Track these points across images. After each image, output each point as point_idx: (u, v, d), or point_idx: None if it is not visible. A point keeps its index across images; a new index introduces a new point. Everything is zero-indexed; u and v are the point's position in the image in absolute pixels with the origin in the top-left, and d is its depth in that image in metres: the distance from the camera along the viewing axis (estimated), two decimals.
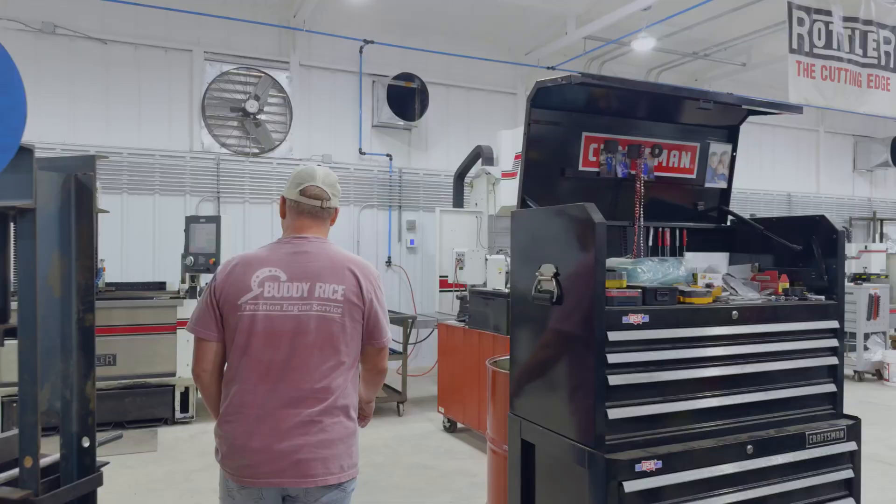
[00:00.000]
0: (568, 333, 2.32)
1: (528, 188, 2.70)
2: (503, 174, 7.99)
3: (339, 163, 9.22)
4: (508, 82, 10.39)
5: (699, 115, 2.97)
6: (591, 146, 2.77)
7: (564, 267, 2.32)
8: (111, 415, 6.21)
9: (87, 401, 2.12)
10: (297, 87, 9.00)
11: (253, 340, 2.14)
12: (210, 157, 8.55)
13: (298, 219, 2.29)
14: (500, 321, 5.39)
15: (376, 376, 2.39)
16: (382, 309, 2.29)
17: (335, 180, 2.34)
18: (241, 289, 2.17)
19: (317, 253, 2.23)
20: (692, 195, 3.11)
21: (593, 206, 2.17)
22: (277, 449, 2.10)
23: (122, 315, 6.28)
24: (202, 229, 6.42)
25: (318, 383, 2.15)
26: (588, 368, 2.18)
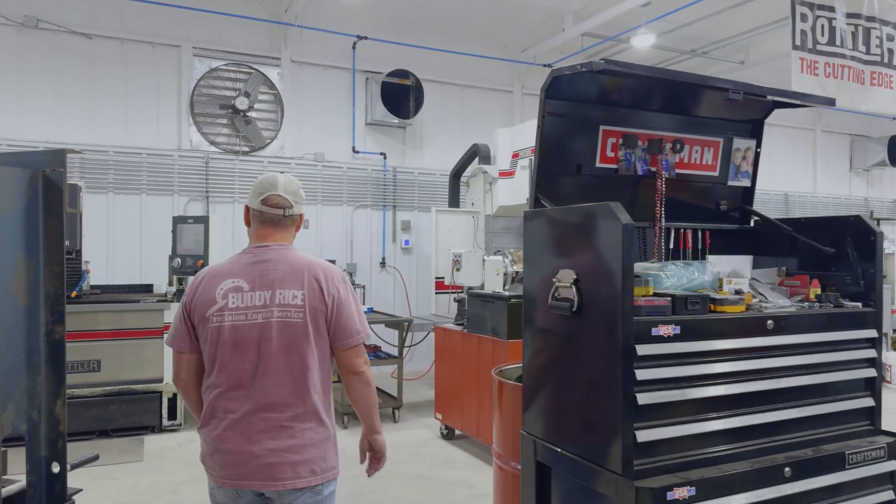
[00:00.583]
0: (590, 346, 2.12)
1: (541, 186, 2.50)
2: (500, 173, 7.82)
3: (332, 161, 9.01)
4: (504, 80, 10.20)
5: (722, 109, 2.78)
6: (609, 141, 2.58)
7: (586, 273, 2.13)
8: (95, 423, 5.98)
9: (57, 422, 1.91)
10: (288, 84, 8.78)
11: (222, 350, 2.21)
12: (199, 156, 8.32)
13: (261, 227, 2.32)
14: (500, 325, 5.20)
15: (355, 381, 2.31)
16: (348, 308, 2.27)
17: (297, 187, 2.38)
18: (208, 301, 2.23)
19: (277, 260, 2.26)
20: (714, 194, 2.93)
21: (619, 206, 1.97)
22: (248, 452, 2.17)
23: (107, 319, 6.05)
24: (190, 230, 6.19)
25: (287, 389, 2.20)
26: (614, 386, 1.99)
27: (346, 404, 6.30)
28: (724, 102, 2.61)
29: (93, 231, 7.39)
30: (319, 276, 2.24)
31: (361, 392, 2.32)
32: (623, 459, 1.99)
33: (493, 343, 5.29)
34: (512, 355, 5.09)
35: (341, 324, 2.25)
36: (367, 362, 2.35)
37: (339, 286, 2.27)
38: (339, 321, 2.24)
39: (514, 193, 7.60)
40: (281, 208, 2.29)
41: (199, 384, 2.31)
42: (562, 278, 2.17)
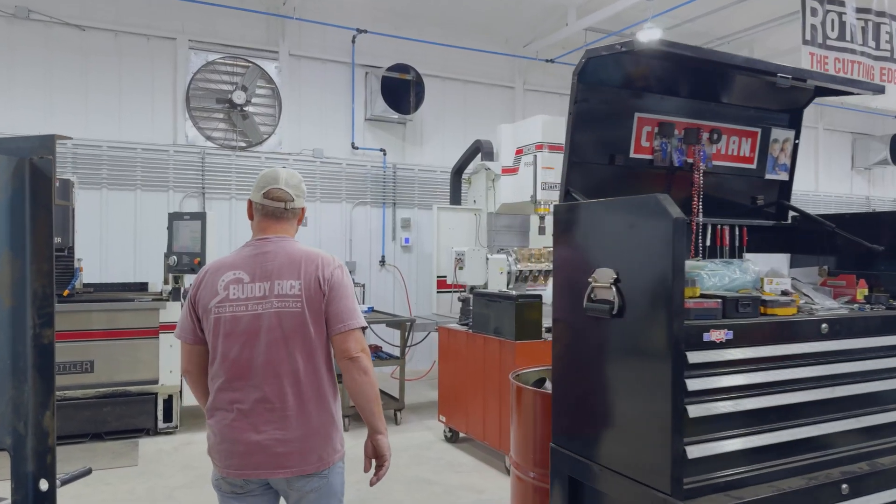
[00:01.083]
0: (633, 353, 1.95)
1: (572, 178, 2.32)
2: (503, 170, 7.66)
3: (331, 157, 8.82)
4: (506, 75, 10.03)
5: (761, 96, 2.61)
6: (645, 129, 2.41)
7: (628, 272, 1.96)
8: (88, 425, 5.79)
9: (46, 435, 1.73)
10: (286, 78, 8.59)
11: (225, 341, 2.25)
12: (195, 151, 8.12)
13: (263, 221, 2.37)
14: (507, 326, 5.03)
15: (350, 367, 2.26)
16: (343, 294, 2.29)
17: (299, 181, 2.42)
18: (211, 293, 2.28)
19: (276, 252, 2.30)
20: (751, 188, 2.77)
21: (668, 198, 1.80)
22: (255, 442, 2.20)
23: (101, 318, 5.86)
24: (186, 227, 6.00)
25: (289, 378, 2.22)
26: (662, 397, 1.82)
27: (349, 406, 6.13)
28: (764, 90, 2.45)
29: (86, 228, 7.19)
30: (317, 266, 2.28)
31: (357, 380, 2.27)
32: (672, 478, 1.82)
33: (500, 344, 5.13)
34: (521, 357, 4.93)
35: (334, 309, 2.26)
36: (365, 350, 2.30)
37: (335, 272, 2.30)
38: (332, 306, 2.26)
39: (518, 190, 7.44)
40: (282, 202, 2.34)
41: (206, 375, 2.36)
42: (599, 278, 2.00)
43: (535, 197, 7.05)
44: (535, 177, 7.07)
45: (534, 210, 7.21)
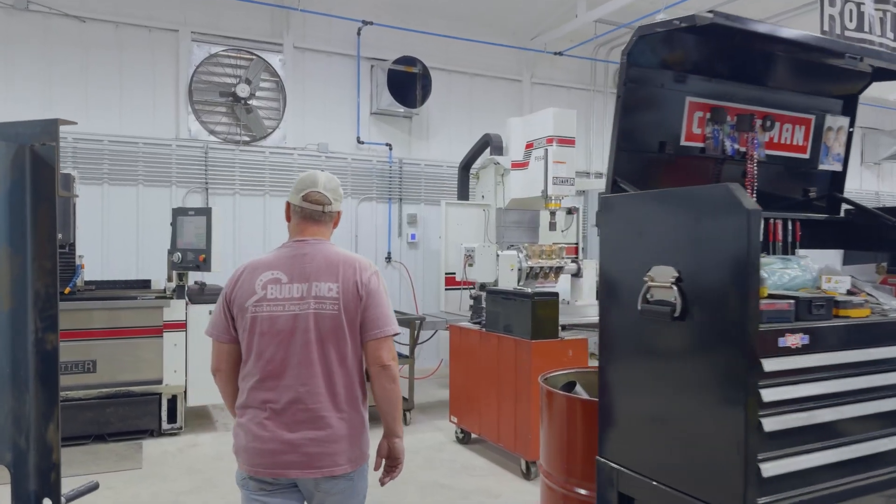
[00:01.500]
0: (699, 360, 1.78)
1: (620, 168, 2.14)
2: (513, 164, 7.50)
3: (336, 152, 8.66)
4: (513, 68, 9.86)
5: (815, 81, 2.44)
6: (696, 115, 2.25)
7: (693, 270, 1.78)
8: (91, 427, 5.64)
9: (49, 450, 1.58)
10: (290, 71, 8.41)
11: (260, 340, 2.26)
12: (198, 146, 7.95)
13: (301, 223, 2.39)
14: (523, 325, 4.88)
15: (381, 374, 2.33)
16: (380, 301, 2.33)
17: (337, 185, 2.45)
18: (248, 292, 2.29)
19: (314, 254, 2.33)
20: (803, 179, 2.61)
21: (741, 189, 1.64)
22: (287, 441, 2.21)
23: (103, 317, 5.70)
24: (191, 223, 5.83)
25: (323, 379, 2.25)
26: (734, 409, 1.65)
27: None
28: (819, 73, 2.29)
29: (87, 224, 7.03)
30: (355, 270, 2.30)
31: (386, 388, 2.34)
32: (745, 498, 1.64)
33: (515, 343, 4.97)
34: (537, 357, 4.78)
35: (370, 315, 2.29)
36: (395, 358, 2.36)
37: (372, 278, 2.33)
38: (368, 312, 2.29)
39: (528, 185, 7.28)
40: (320, 205, 2.36)
41: (237, 375, 2.36)
42: (657, 277, 1.84)
43: (546, 192, 6.89)
44: (546, 171, 6.91)
45: (544, 205, 7.06)
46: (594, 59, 10.28)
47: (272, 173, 8.29)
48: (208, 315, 6.16)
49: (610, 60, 10.38)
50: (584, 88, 10.36)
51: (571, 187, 7.09)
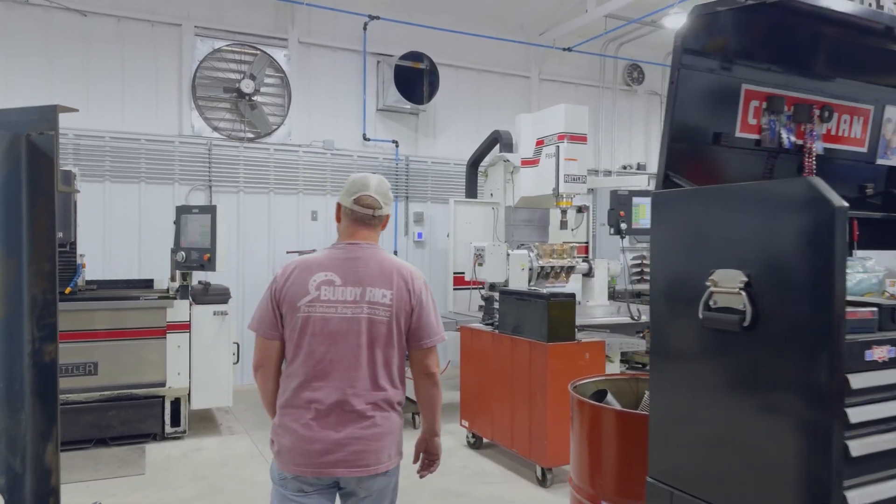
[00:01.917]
0: (773, 374, 1.59)
1: (673, 162, 1.98)
2: (523, 162, 7.35)
3: (342, 149, 8.50)
4: (521, 64, 9.70)
5: (876, 68, 2.26)
6: (752, 104, 2.09)
7: (765, 274, 1.61)
8: (92, 430, 5.50)
9: (48, 473, 1.43)
10: (295, 67, 8.26)
11: (310, 340, 2.30)
12: (201, 143, 7.80)
13: (352, 226, 2.42)
14: (538, 327, 4.73)
15: (426, 381, 2.45)
16: (429, 311, 2.40)
17: (387, 189, 2.49)
18: (300, 292, 2.32)
19: (368, 259, 2.37)
20: (860, 175, 2.44)
21: (824, 183, 1.49)
22: (334, 441, 2.26)
23: (105, 317, 5.55)
24: (195, 221, 5.68)
25: (371, 381, 2.31)
26: (816, 431, 1.49)
27: None
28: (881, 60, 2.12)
29: (88, 222, 6.87)
30: (407, 279, 2.37)
31: (430, 393, 2.47)
32: None
33: (529, 346, 4.82)
34: (553, 359, 4.63)
35: (421, 325, 2.37)
36: (438, 365, 2.46)
37: (423, 289, 2.41)
38: (420, 322, 2.37)
39: (538, 183, 7.13)
40: (371, 208, 2.39)
41: (279, 372, 2.40)
42: (721, 281, 1.67)
43: (558, 190, 6.75)
44: (557, 169, 6.77)
45: (555, 204, 6.92)
46: (603, 56, 10.12)
47: (277, 171, 8.14)
48: (213, 316, 6.06)
49: (619, 57, 10.22)
50: (593, 85, 10.21)
51: (583, 185, 6.95)
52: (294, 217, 8.24)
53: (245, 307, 7.92)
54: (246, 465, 5.19)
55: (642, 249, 10.97)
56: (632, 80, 10.49)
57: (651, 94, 10.74)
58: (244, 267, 7.97)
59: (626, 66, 10.42)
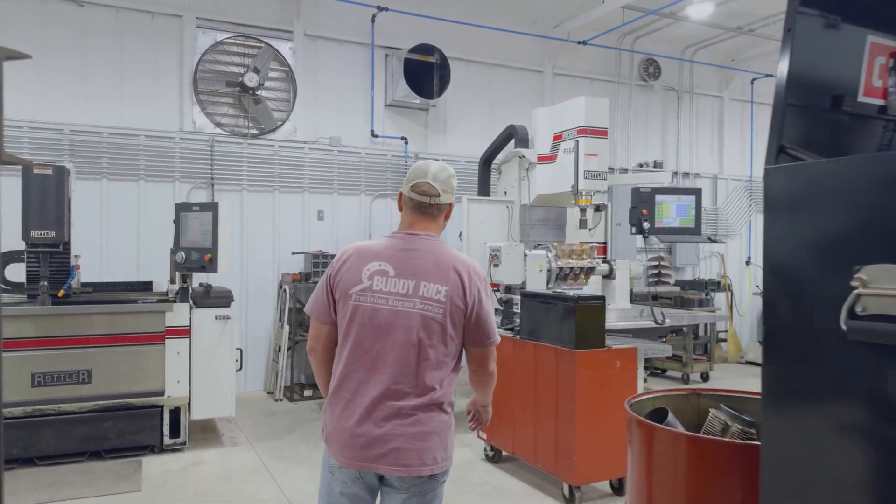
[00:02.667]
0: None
1: (789, 130, 1.61)
2: (539, 158, 7.01)
3: (349, 146, 8.17)
4: (534, 58, 9.36)
5: None
6: (877, 62, 1.74)
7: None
8: (86, 443, 5.16)
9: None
10: (301, 60, 7.93)
11: (359, 330, 2.24)
12: (203, 139, 7.48)
13: (410, 215, 2.35)
14: (564, 332, 4.38)
15: (485, 377, 2.46)
16: (487, 310, 2.32)
17: (448, 176, 2.37)
18: (353, 279, 2.26)
19: (424, 251, 2.28)
20: None
21: None
22: (376, 436, 2.18)
23: (100, 322, 5.22)
24: (195, 219, 5.35)
25: (417, 378, 2.21)
26: None
27: None
28: None
29: (84, 221, 6.56)
30: (463, 275, 2.26)
31: (487, 384, 2.50)
32: None
33: (555, 353, 4.47)
34: (582, 368, 4.28)
35: (480, 325, 2.29)
36: (496, 360, 2.45)
37: (481, 287, 2.30)
38: (478, 322, 2.29)
39: (556, 181, 6.79)
40: (428, 196, 2.30)
41: (332, 357, 2.37)
42: (874, 280, 1.32)
43: (577, 187, 6.40)
44: (576, 165, 6.42)
45: (574, 201, 6.57)
46: (619, 49, 9.78)
47: (282, 168, 7.81)
48: (214, 320, 5.72)
49: (635, 50, 9.88)
50: (608, 80, 9.86)
51: (604, 182, 6.60)
52: (300, 217, 7.91)
53: (249, 311, 7.59)
54: (250, 480, 4.85)
55: (659, 250, 10.65)
56: (647, 76, 10.15)
57: (668, 90, 10.39)
58: (248, 269, 7.64)
59: (642, 61, 10.08)
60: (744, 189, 10.97)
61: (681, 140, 10.48)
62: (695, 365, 8.49)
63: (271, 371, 7.64)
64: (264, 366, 7.75)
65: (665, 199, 7.51)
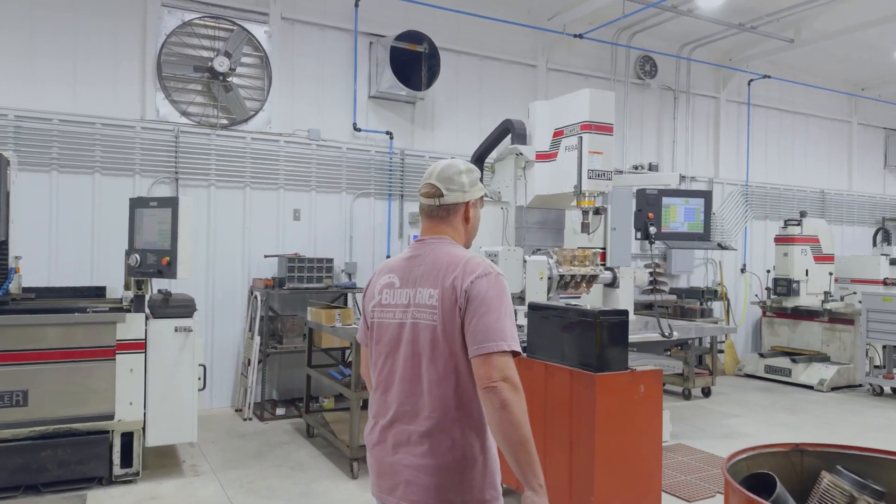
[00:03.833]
0: None
1: None
2: (537, 156, 6.44)
3: (329, 140, 7.52)
4: (527, 52, 8.80)
5: None
6: None
7: None
8: (21, 475, 4.44)
9: None
10: (277, 45, 7.26)
11: (375, 349, 2.15)
12: (167, 129, 6.77)
13: (423, 221, 2.20)
14: (583, 352, 3.79)
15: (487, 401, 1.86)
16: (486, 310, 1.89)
17: (455, 172, 2.13)
18: (370, 296, 2.19)
19: (425, 255, 2.09)
20: None
21: None
22: (388, 463, 2.03)
23: (38, 334, 4.50)
24: (152, 217, 4.65)
25: (423, 398, 1.98)
26: None
27: (355, 444, 4.84)
28: None
29: (29, 218, 5.83)
30: (458, 273, 1.97)
31: (494, 418, 1.85)
32: None
33: (570, 376, 3.88)
34: (603, 393, 3.69)
35: (472, 326, 1.92)
36: (508, 378, 1.85)
37: (477, 281, 1.94)
38: (471, 323, 1.93)
39: (556, 180, 6.24)
40: (431, 198, 2.13)
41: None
42: None
43: (581, 187, 5.86)
44: (580, 163, 5.88)
45: (576, 203, 6.02)
46: (615, 44, 9.27)
47: (254, 163, 7.12)
48: (174, 332, 4.99)
49: (632, 46, 9.38)
50: (603, 77, 9.34)
51: (609, 182, 6.06)
52: (274, 216, 7.23)
53: (215, 321, 6.89)
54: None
55: (654, 257, 10.16)
56: (644, 74, 9.66)
57: (664, 90, 9.91)
58: (215, 273, 6.93)
59: (639, 58, 9.59)
60: (740, 194, 10.55)
61: (677, 142, 10.01)
62: (696, 379, 7.98)
63: (240, 386, 6.94)
64: (232, 380, 7.04)
65: (672, 201, 7.00)
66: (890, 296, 8.26)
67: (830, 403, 7.86)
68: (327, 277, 6.93)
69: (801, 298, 9.11)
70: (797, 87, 11.07)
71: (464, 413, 1.96)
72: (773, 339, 9.65)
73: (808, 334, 9.22)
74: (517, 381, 1.85)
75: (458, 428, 1.95)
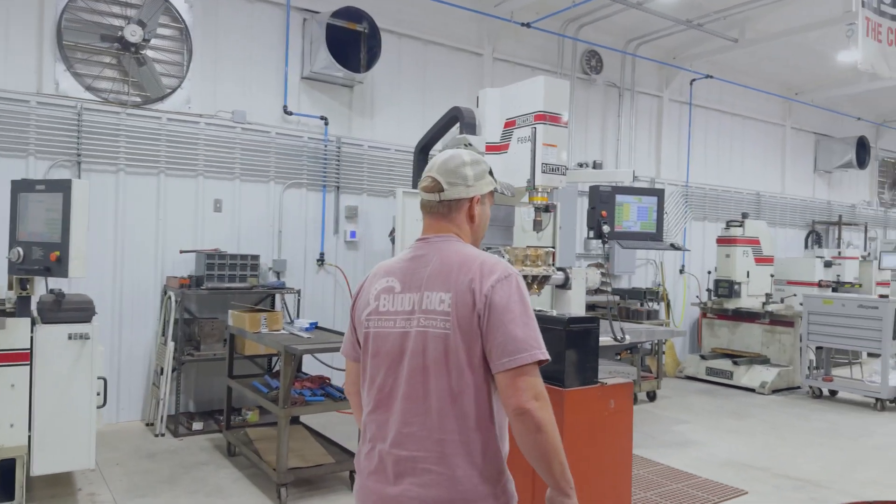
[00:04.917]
0: None
1: None
2: (487, 147, 5.97)
3: (256, 123, 6.83)
4: (473, 38, 8.34)
5: None
6: None
7: None
8: None
9: None
10: (199, 17, 6.52)
11: (372, 362, 1.90)
12: (68, 105, 5.92)
13: (425, 218, 1.99)
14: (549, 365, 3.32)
15: (518, 425, 1.69)
16: (510, 318, 1.72)
17: (459, 164, 1.92)
18: (364, 303, 1.96)
19: (430, 255, 1.88)
20: None
21: None
22: (389, 496, 1.80)
23: None
24: (38, 203, 3.88)
25: (434, 418, 1.76)
26: None
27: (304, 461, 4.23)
28: None
29: None
30: (474, 275, 1.76)
31: (532, 441, 1.69)
32: None
33: None
34: (572, 410, 3.25)
35: (496, 337, 1.71)
36: (539, 396, 1.69)
37: (498, 285, 1.74)
38: (494, 332, 1.72)
39: (507, 174, 5.76)
40: (432, 192, 1.91)
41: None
42: None
43: (534, 182, 5.43)
44: (533, 156, 5.45)
45: (528, 199, 5.59)
46: (562, 36, 8.93)
47: (170, 146, 6.36)
48: (67, 340, 4.22)
49: (579, 38, 9.06)
50: (550, 70, 8.99)
51: (563, 177, 5.65)
52: (192, 206, 6.48)
53: (123, 324, 6.10)
54: None
55: (598, 257, 9.91)
56: (590, 69, 9.37)
57: (609, 86, 9.66)
58: (123, 270, 6.13)
59: (585, 52, 9.29)
60: (680, 195, 10.44)
61: (621, 140, 9.78)
62: (642, 383, 7.73)
63: (151, 398, 6.17)
64: (143, 391, 6.26)
65: (625, 199, 6.68)
66: (830, 298, 8.26)
67: (774, 407, 7.77)
68: (252, 276, 6.25)
69: (742, 300, 9.03)
70: (737, 89, 11.08)
71: (481, 434, 1.76)
72: (713, 341, 9.57)
73: (748, 336, 9.16)
74: (546, 395, 1.72)
75: (478, 451, 1.76)
